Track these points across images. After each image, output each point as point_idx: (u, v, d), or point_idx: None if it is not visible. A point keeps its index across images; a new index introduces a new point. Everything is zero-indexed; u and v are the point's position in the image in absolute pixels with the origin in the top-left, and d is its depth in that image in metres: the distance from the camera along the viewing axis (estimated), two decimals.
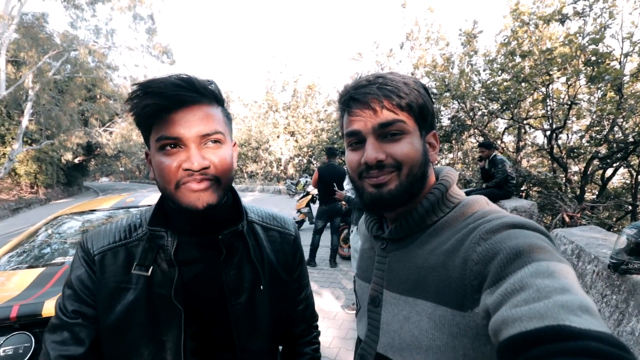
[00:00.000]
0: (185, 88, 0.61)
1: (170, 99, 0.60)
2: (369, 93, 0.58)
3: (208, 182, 0.63)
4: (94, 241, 0.71)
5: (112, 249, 0.69)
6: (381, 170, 0.59)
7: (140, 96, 0.60)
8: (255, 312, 0.73)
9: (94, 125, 20.35)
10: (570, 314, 0.34)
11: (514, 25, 6.92)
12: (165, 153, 0.62)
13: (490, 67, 7.46)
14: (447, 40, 12.86)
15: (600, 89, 5.99)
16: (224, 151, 0.66)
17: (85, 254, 0.69)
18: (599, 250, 2.21)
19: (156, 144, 0.62)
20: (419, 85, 0.62)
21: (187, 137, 0.61)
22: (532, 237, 0.46)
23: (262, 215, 0.85)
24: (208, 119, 0.63)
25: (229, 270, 0.71)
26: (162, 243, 0.67)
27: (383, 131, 0.58)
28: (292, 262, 0.85)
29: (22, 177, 18.65)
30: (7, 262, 2.32)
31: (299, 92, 22.90)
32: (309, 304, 0.92)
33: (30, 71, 14.11)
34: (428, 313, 0.54)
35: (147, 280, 0.66)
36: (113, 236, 0.71)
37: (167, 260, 0.67)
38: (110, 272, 0.67)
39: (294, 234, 0.87)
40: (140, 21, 17.29)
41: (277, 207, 12.14)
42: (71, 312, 0.66)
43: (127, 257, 0.69)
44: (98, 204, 3.07)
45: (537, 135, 9.80)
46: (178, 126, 0.60)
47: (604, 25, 5.24)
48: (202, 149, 0.63)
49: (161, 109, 0.60)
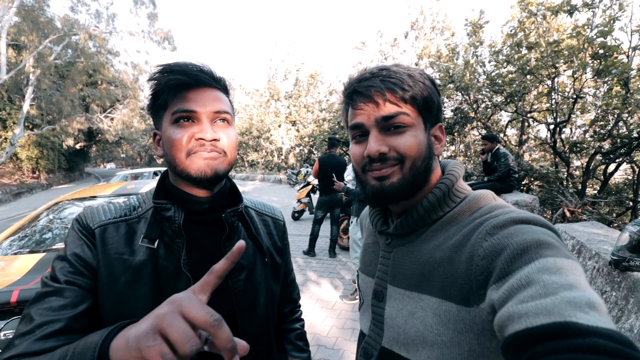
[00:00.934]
0: (204, 72, 0.70)
1: (192, 78, 0.67)
2: (372, 86, 0.58)
3: (217, 153, 0.69)
4: (92, 217, 0.71)
5: (113, 223, 0.71)
6: (384, 163, 0.59)
7: (166, 73, 0.67)
8: (254, 289, 0.77)
9: (95, 111, 20.30)
10: (578, 311, 0.34)
11: (521, 16, 6.79)
12: (179, 125, 0.67)
13: (496, 59, 7.35)
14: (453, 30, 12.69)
15: (606, 83, 5.90)
16: (231, 131, 0.73)
17: (83, 228, 0.69)
18: (600, 246, 2.20)
19: (171, 117, 0.67)
20: (425, 77, 0.61)
21: (201, 112, 0.67)
22: (539, 233, 0.45)
23: (254, 202, 0.93)
24: (220, 100, 0.71)
25: (230, 247, 0.74)
26: (170, 215, 0.70)
27: (386, 124, 0.58)
28: (282, 246, 0.91)
29: (24, 162, 18.68)
30: (8, 246, 2.33)
31: (301, 81, 22.71)
32: (295, 286, 1.01)
33: (31, 55, 14.00)
34: (433, 308, 0.53)
35: (152, 252, 0.69)
36: (112, 213, 0.72)
37: (173, 232, 0.70)
38: (112, 244, 0.68)
39: (282, 221, 0.95)
40: (142, 6, 17.08)
41: (277, 197, 12.16)
42: (64, 282, 0.63)
43: (129, 231, 0.70)
44: (99, 190, 3.08)
45: (541, 129, 9.74)
46: (194, 102, 0.67)
47: (613, 18, 5.14)
48: (213, 125, 0.69)
49: (183, 84, 0.67)
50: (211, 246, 0.74)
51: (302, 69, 22.77)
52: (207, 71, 0.70)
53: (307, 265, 4.90)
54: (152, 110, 0.72)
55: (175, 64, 0.68)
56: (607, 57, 5.06)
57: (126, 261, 0.67)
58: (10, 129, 16.79)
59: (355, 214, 3.75)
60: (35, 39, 13.97)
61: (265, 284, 0.80)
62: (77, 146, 25.24)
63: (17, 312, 1.53)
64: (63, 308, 0.60)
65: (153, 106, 0.71)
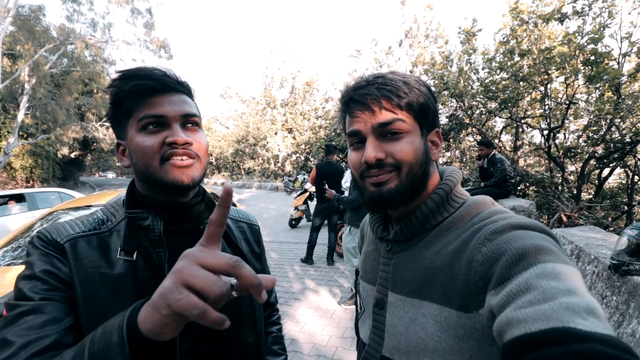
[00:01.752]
0: (169, 76, 0.68)
1: (158, 82, 0.65)
2: (367, 94, 0.59)
3: (191, 159, 0.67)
4: (58, 232, 0.65)
5: (84, 236, 0.65)
6: (381, 169, 0.59)
7: (128, 79, 0.65)
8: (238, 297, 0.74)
9: (90, 119, 20.19)
10: (576, 316, 0.34)
11: (513, 24, 6.91)
12: (148, 132, 0.65)
13: (489, 66, 7.45)
14: (446, 38, 12.87)
15: (598, 88, 5.99)
16: (201, 135, 0.71)
17: (49, 244, 0.62)
18: (599, 250, 2.21)
19: (138, 124, 0.65)
20: (421, 83, 0.62)
21: (171, 116, 0.65)
22: (538, 239, 0.45)
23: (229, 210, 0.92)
24: (188, 104, 0.70)
25: None
26: (147, 224, 0.67)
27: (382, 130, 0.59)
28: (259, 250, 0.92)
29: (18, 171, 18.49)
30: (1, 257, 2.29)
31: (297, 88, 22.88)
32: (272, 290, 1.00)
33: (26, 64, 13.96)
34: (434, 315, 0.53)
35: (131, 264, 0.65)
36: (80, 227, 0.67)
37: (153, 241, 0.67)
38: (86, 257, 0.63)
39: (257, 225, 0.95)
40: (138, 15, 17.14)
41: (274, 204, 12.12)
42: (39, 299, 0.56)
43: (102, 244, 0.65)
44: (94, 199, 3.05)
45: (535, 135, 9.85)
46: (162, 107, 0.65)
47: (603, 25, 5.24)
48: (184, 130, 0.68)
49: (148, 89, 0.65)
50: None
51: (298, 77, 22.96)
52: (172, 75, 0.69)
53: (305, 273, 4.87)
54: (112, 119, 0.69)
55: (137, 69, 0.66)
56: (598, 63, 5.14)
57: (104, 275, 0.63)
58: (5, 138, 16.63)
59: (348, 222, 3.72)
60: (31, 48, 13.94)
61: None
62: (72, 155, 25.06)
63: None
64: (46, 324, 0.54)
65: (114, 115, 0.68)
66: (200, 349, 0.69)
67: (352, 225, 3.68)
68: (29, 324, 0.52)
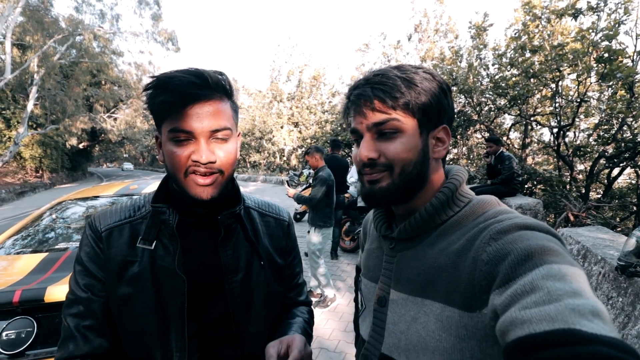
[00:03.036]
0: (199, 85, 0.65)
1: (186, 97, 0.64)
2: (361, 95, 0.59)
3: (212, 176, 0.69)
4: (101, 220, 0.76)
5: (118, 226, 0.75)
6: (373, 168, 0.60)
7: (159, 92, 0.65)
8: (250, 290, 0.78)
9: (98, 111, 20.39)
10: (582, 318, 0.34)
11: (525, 19, 6.79)
12: (176, 144, 0.67)
13: (499, 62, 7.35)
14: (456, 32, 12.70)
15: (611, 86, 5.88)
16: (230, 146, 0.71)
17: (93, 232, 0.74)
18: (606, 251, 2.18)
19: (169, 134, 0.67)
20: (428, 78, 0.59)
21: (198, 132, 0.66)
22: (544, 239, 0.45)
23: (259, 202, 0.92)
24: (218, 114, 0.68)
25: (226, 249, 0.76)
26: (165, 218, 0.72)
27: (378, 129, 0.59)
28: (286, 247, 0.90)
29: (27, 161, 18.74)
30: (11, 245, 2.33)
31: (304, 82, 22.76)
32: (302, 291, 0.96)
33: (36, 55, 14.08)
34: (436, 314, 0.53)
35: (151, 253, 0.72)
36: (118, 215, 0.77)
37: (169, 234, 0.72)
38: (116, 247, 0.72)
39: (287, 221, 0.93)
40: (146, 6, 17.16)
41: (279, 198, 12.16)
42: (83, 285, 0.71)
43: (132, 233, 0.74)
44: (102, 190, 3.08)
45: (544, 133, 9.72)
46: (190, 120, 0.65)
47: (618, 21, 5.12)
48: (211, 143, 0.68)
49: (176, 105, 0.65)
50: (207, 248, 0.76)
51: (305, 71, 22.84)
52: (204, 81, 0.66)
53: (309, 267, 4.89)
54: (152, 115, 0.72)
55: (169, 79, 0.64)
56: (611, 60, 5.03)
57: (128, 263, 0.72)
58: (14, 128, 16.84)
59: (310, 222, 3.65)
60: (40, 38, 14.05)
61: (265, 286, 0.80)
62: (80, 146, 25.33)
63: (20, 312, 1.53)
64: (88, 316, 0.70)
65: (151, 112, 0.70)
66: (211, 334, 0.74)
67: (313, 225, 3.60)
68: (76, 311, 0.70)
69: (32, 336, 1.49)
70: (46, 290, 1.55)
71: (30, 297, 1.52)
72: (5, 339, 1.46)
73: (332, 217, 3.69)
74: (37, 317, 1.54)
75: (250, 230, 0.81)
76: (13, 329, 1.49)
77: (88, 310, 0.70)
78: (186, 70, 0.66)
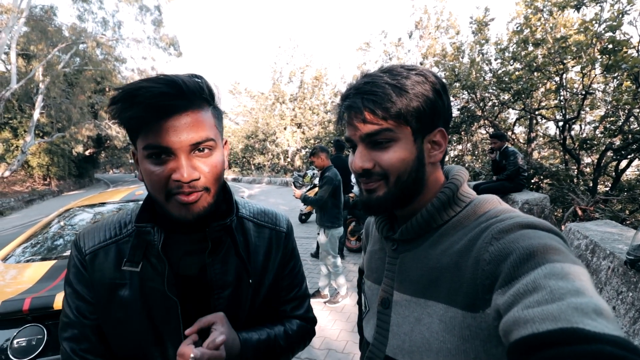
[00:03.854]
0: (173, 95, 0.57)
1: (157, 110, 0.57)
2: (351, 106, 0.58)
3: (197, 193, 0.62)
4: (86, 240, 0.72)
5: (103, 247, 0.71)
6: (369, 177, 0.60)
7: (125, 106, 0.57)
8: (237, 307, 0.73)
9: (103, 117, 20.58)
10: (585, 317, 0.34)
11: (527, 12, 6.73)
12: (153, 162, 0.60)
13: (502, 56, 7.29)
14: (458, 28, 12.62)
15: (616, 78, 5.81)
16: (215, 158, 0.64)
17: (78, 253, 0.71)
18: (615, 245, 2.15)
19: (144, 151, 0.60)
20: (419, 82, 0.57)
21: (176, 147, 0.59)
22: (546, 238, 0.45)
23: (254, 211, 0.84)
24: (198, 125, 0.61)
25: (214, 263, 0.71)
26: (150, 239, 0.67)
27: (371, 139, 0.58)
28: (283, 258, 0.83)
29: (35, 169, 18.99)
30: (21, 253, 2.36)
31: (306, 83, 22.78)
32: (301, 305, 0.88)
33: (40, 64, 14.27)
34: (439, 315, 0.53)
35: (138, 275, 0.68)
36: (104, 234, 0.73)
37: (155, 255, 0.68)
38: (102, 270, 0.69)
39: (285, 231, 0.85)
40: (147, 12, 17.30)
41: (283, 199, 12.18)
42: (74, 309, 0.69)
43: (118, 254, 0.70)
44: (108, 196, 3.11)
45: (549, 126, 9.63)
46: (166, 135, 0.58)
47: (621, 12, 5.05)
48: (192, 158, 0.61)
49: (148, 120, 0.58)
50: (198, 264, 0.71)
51: (306, 71, 22.85)
52: (178, 91, 0.57)
53: (315, 267, 4.89)
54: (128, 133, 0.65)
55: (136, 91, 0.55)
56: (616, 51, 4.97)
57: (117, 286, 0.68)
58: (22, 137, 17.08)
59: (318, 223, 3.64)
60: (44, 48, 14.24)
61: (251, 303, 0.75)
62: (86, 153, 25.60)
63: (30, 320, 1.55)
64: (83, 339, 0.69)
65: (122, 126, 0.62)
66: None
67: (321, 226, 3.60)
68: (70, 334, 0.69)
69: (43, 343, 1.51)
70: (55, 297, 1.56)
71: (40, 304, 1.54)
72: (16, 347, 1.48)
73: (340, 217, 3.67)
74: (47, 324, 1.56)
75: (242, 243, 0.76)
76: (24, 337, 1.51)
77: (82, 334, 0.68)
78: (157, 79, 0.57)
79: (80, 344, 0.68)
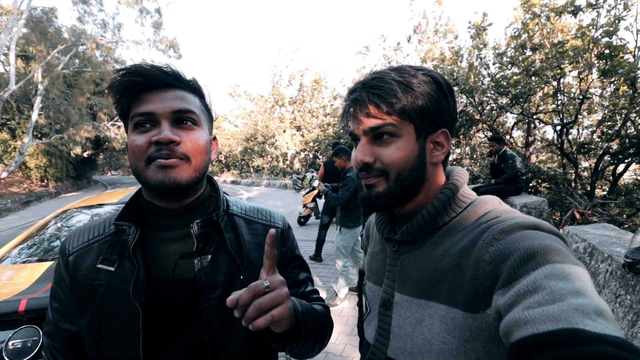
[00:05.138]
0: (163, 72, 0.64)
1: (147, 78, 0.62)
2: (357, 99, 0.59)
3: (176, 159, 0.62)
4: (72, 241, 0.72)
5: (85, 247, 0.70)
6: (369, 172, 0.60)
7: (125, 73, 0.63)
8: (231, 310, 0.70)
9: (102, 119, 20.54)
10: (585, 318, 0.34)
11: (524, 18, 6.77)
12: (138, 131, 0.63)
13: (500, 61, 7.33)
14: (456, 33, 12.68)
15: (613, 83, 5.85)
16: (198, 134, 0.66)
17: (62, 255, 0.71)
18: (613, 248, 2.16)
19: (131, 123, 0.64)
20: (425, 81, 0.58)
21: (159, 113, 0.62)
22: (546, 239, 0.45)
23: (246, 208, 0.81)
24: (182, 99, 0.65)
25: (202, 262, 0.67)
26: (124, 238, 0.66)
27: (374, 134, 0.59)
28: (282, 259, 0.78)
29: (33, 171, 18.90)
30: (17, 254, 2.35)
31: (305, 86, 22.82)
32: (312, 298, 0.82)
33: (40, 65, 14.25)
34: (440, 316, 0.53)
35: (112, 275, 0.65)
36: (88, 234, 0.72)
37: (127, 257, 0.65)
38: (82, 271, 0.68)
39: (281, 227, 0.81)
40: (147, 15, 17.33)
41: (282, 202, 12.17)
42: (54, 309, 0.70)
43: (99, 253, 0.68)
44: (106, 198, 3.09)
45: (547, 130, 9.66)
46: (151, 103, 0.63)
47: (618, 17, 5.10)
48: (175, 128, 0.64)
49: (136, 85, 0.63)
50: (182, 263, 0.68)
51: (306, 75, 22.90)
52: (169, 71, 0.65)
53: (314, 270, 4.88)
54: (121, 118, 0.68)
55: (133, 66, 0.63)
56: (613, 57, 5.01)
57: (94, 287, 0.65)
58: (19, 138, 17.02)
59: (339, 222, 3.65)
60: (44, 49, 14.23)
61: None
62: (84, 154, 25.51)
63: (26, 321, 1.54)
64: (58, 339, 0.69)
65: (120, 114, 0.67)
66: None
67: (342, 226, 3.62)
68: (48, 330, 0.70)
69: (38, 345, 1.50)
70: None
71: (36, 306, 1.53)
72: (11, 348, 1.47)
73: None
74: (43, 326, 1.55)
75: (233, 240, 0.72)
76: (19, 338, 1.50)
77: (57, 334, 0.69)
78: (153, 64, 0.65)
79: (54, 342, 0.69)
